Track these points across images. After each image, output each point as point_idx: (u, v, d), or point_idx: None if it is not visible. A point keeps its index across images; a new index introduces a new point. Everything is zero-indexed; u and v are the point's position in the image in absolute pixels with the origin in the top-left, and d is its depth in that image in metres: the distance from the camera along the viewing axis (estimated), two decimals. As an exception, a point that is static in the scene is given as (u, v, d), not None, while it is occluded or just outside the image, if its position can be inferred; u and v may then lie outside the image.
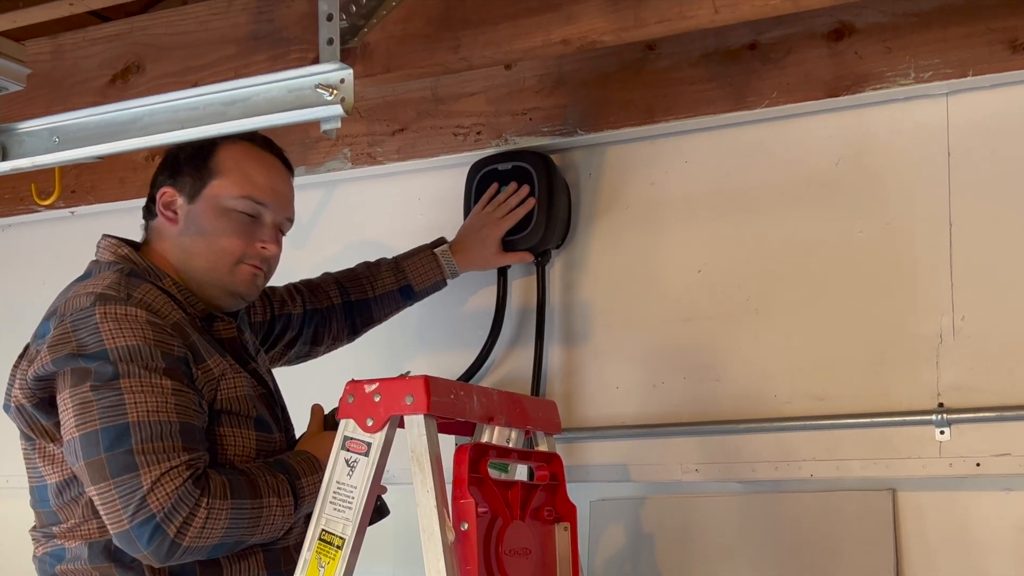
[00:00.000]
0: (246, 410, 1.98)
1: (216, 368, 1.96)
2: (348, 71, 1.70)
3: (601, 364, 2.59)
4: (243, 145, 2.06)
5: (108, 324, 1.86)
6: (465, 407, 1.88)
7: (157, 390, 1.84)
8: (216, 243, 2.01)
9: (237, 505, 1.85)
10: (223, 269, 2.02)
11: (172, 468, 1.81)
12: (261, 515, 1.88)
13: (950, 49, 2.30)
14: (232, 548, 1.91)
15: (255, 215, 2.04)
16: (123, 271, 1.98)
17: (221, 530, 1.84)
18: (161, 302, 1.94)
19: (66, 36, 2.69)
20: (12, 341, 3.29)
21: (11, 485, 3.24)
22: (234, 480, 1.88)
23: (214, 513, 1.82)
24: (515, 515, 1.91)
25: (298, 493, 1.94)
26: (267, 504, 1.89)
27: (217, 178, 2.03)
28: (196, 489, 1.81)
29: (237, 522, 1.85)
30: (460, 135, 2.72)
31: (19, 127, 1.91)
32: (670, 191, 2.58)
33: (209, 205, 2.02)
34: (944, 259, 2.32)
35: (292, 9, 2.43)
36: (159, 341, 1.87)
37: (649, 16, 2.17)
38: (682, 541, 2.47)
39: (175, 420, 1.84)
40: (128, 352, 1.85)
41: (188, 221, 2.03)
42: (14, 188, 3.20)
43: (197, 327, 1.99)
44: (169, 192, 2.05)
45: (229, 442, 1.96)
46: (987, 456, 2.23)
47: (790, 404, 2.41)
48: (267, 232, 2.05)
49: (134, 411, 1.82)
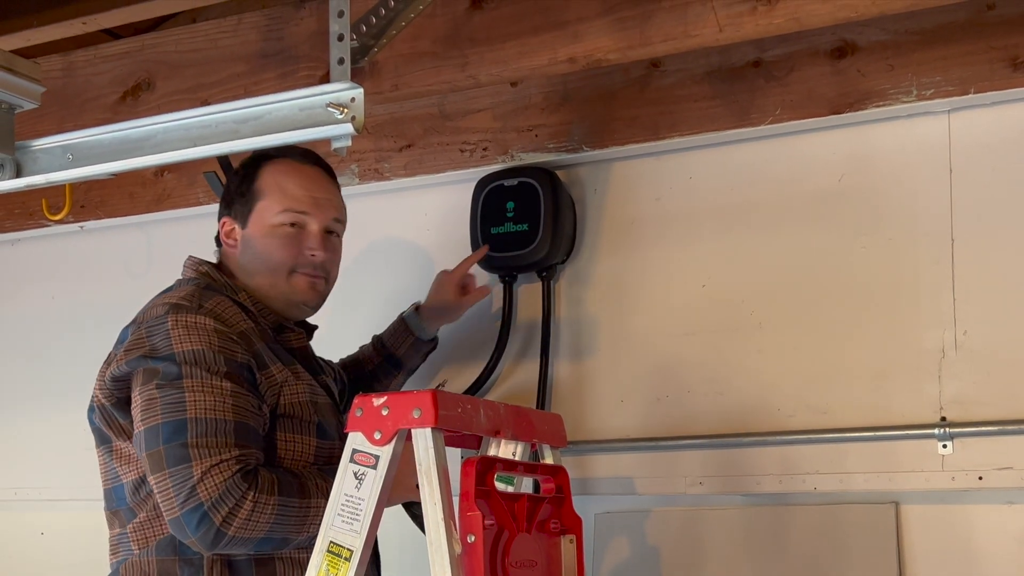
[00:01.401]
0: (308, 415, 2.07)
1: (279, 375, 2.06)
2: (359, 90, 1.73)
3: (606, 378, 2.61)
4: (281, 162, 2.18)
5: (178, 330, 1.99)
6: (472, 421, 1.90)
7: (216, 391, 1.95)
8: (270, 260, 2.14)
9: (284, 502, 1.93)
10: (280, 282, 2.14)
11: (222, 461, 1.91)
12: (308, 514, 1.95)
13: (952, 67, 2.32)
14: (279, 545, 1.97)
15: (300, 224, 2.15)
16: (199, 284, 2.12)
17: (266, 524, 1.92)
18: (231, 313, 2.05)
19: (77, 53, 2.72)
20: (24, 353, 3.34)
21: (19, 497, 3.26)
22: (284, 479, 1.96)
23: (259, 507, 1.91)
24: (521, 528, 1.92)
25: None
26: (315, 505, 1.95)
27: (260, 200, 2.16)
28: (244, 482, 1.90)
29: (284, 519, 1.93)
30: (467, 151, 2.74)
31: (33, 145, 1.93)
32: (675, 207, 2.60)
33: (257, 226, 2.15)
34: (946, 274, 2.34)
35: (301, 28, 2.46)
36: (223, 347, 1.99)
37: (654, 34, 2.19)
38: (687, 553, 2.48)
39: (230, 419, 1.95)
40: (193, 355, 1.97)
41: (244, 245, 2.17)
42: (24, 203, 3.23)
43: (267, 337, 2.10)
44: (227, 222, 2.20)
45: (289, 446, 2.05)
46: (990, 469, 2.24)
47: (794, 418, 2.42)
48: (314, 239, 2.16)
49: (192, 408, 1.94)
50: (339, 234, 2.24)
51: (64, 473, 3.17)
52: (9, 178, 1.93)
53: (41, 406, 3.26)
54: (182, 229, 3.13)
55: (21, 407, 3.30)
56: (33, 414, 3.27)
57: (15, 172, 1.93)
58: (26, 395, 3.30)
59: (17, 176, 1.94)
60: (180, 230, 3.14)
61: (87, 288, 3.27)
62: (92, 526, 3.02)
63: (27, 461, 3.25)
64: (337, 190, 2.24)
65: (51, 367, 3.26)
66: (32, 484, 3.22)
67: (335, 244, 2.22)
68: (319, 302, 2.20)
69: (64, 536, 3.23)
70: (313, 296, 2.18)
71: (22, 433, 3.28)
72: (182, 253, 3.14)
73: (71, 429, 3.09)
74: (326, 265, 2.18)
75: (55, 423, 3.20)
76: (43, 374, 3.28)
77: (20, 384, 3.33)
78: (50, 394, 3.24)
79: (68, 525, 3.22)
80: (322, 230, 2.17)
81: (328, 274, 2.20)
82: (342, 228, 2.25)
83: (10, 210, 3.27)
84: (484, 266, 2.69)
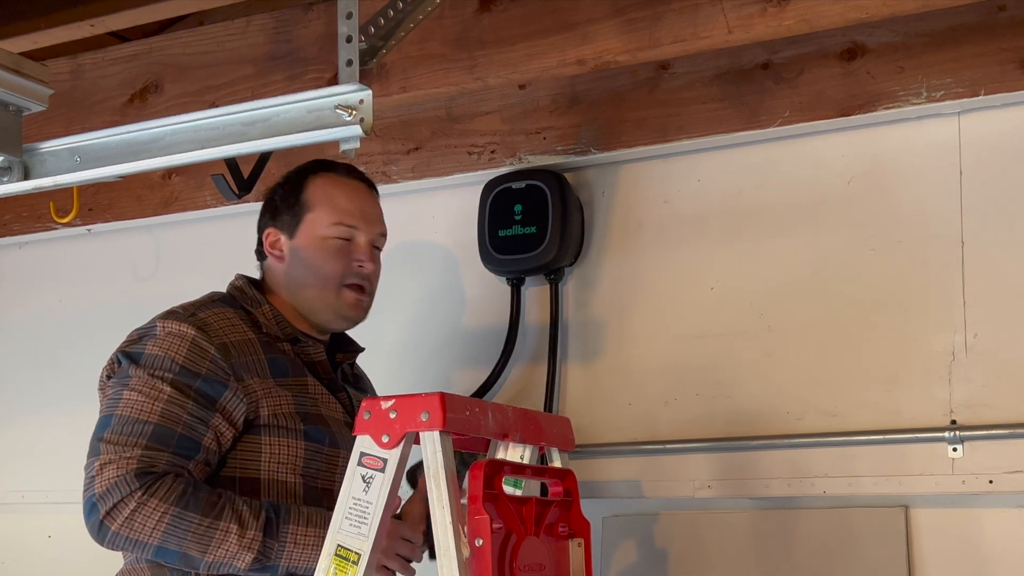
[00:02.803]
0: (292, 424, 2.07)
1: (258, 387, 2.06)
2: (367, 92, 1.72)
3: (614, 381, 2.61)
4: (327, 176, 2.21)
5: (158, 335, 2.04)
6: (480, 424, 1.90)
7: (153, 393, 1.99)
8: (320, 271, 2.16)
9: (181, 514, 1.93)
10: (330, 293, 2.17)
11: (122, 458, 1.94)
12: (212, 536, 1.94)
13: (962, 69, 2.31)
14: (183, 563, 1.96)
15: (349, 238, 2.19)
16: (214, 296, 2.17)
17: (154, 530, 1.92)
18: (224, 324, 2.08)
19: (85, 56, 2.73)
20: (32, 356, 3.34)
21: (26, 500, 3.26)
22: (195, 493, 1.95)
23: (145, 510, 1.92)
24: (529, 531, 1.92)
25: (273, 534, 1.96)
26: (223, 528, 1.94)
27: (311, 211, 2.18)
28: (136, 481, 1.92)
29: (178, 531, 1.93)
30: (474, 154, 2.74)
31: (41, 147, 1.93)
32: (683, 209, 2.60)
33: (308, 238, 2.18)
34: (956, 277, 2.33)
35: (309, 30, 2.46)
36: (189, 357, 2.01)
37: (664, 36, 2.19)
38: (695, 557, 2.48)
39: (152, 421, 1.97)
40: (152, 359, 2.01)
41: (293, 256, 2.19)
42: (32, 206, 3.23)
43: (276, 349, 2.12)
44: (273, 233, 2.21)
45: (274, 449, 2.06)
46: (1000, 473, 2.23)
47: (803, 421, 2.42)
48: (362, 251, 2.20)
49: (123, 406, 1.99)
50: (382, 249, 2.28)
51: (71, 476, 3.14)
52: (17, 180, 1.93)
53: (48, 409, 3.26)
54: (190, 232, 3.14)
55: (28, 410, 3.31)
56: (40, 417, 3.27)
57: (23, 174, 1.93)
58: (33, 398, 3.30)
59: (25, 178, 1.93)
60: (188, 233, 3.14)
61: (95, 291, 3.27)
62: (99, 529, 3.04)
63: (34, 464, 3.25)
64: (379, 204, 2.28)
65: (58, 370, 3.27)
66: (39, 487, 3.22)
67: (378, 259, 2.25)
68: (363, 316, 2.23)
69: (71, 539, 3.21)
70: (359, 311, 2.21)
71: (29, 436, 3.28)
72: (190, 256, 3.18)
73: (78, 432, 3.08)
74: (371, 278, 2.22)
75: (62, 426, 3.20)
76: (50, 377, 3.28)
77: (27, 387, 3.33)
78: (57, 397, 3.24)
79: (75, 528, 3.17)
80: (369, 243, 2.21)
81: (371, 288, 2.23)
82: (384, 242, 2.28)
83: (18, 213, 3.28)
84: (492, 269, 2.69)
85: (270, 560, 1.97)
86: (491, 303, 2.73)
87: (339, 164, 2.25)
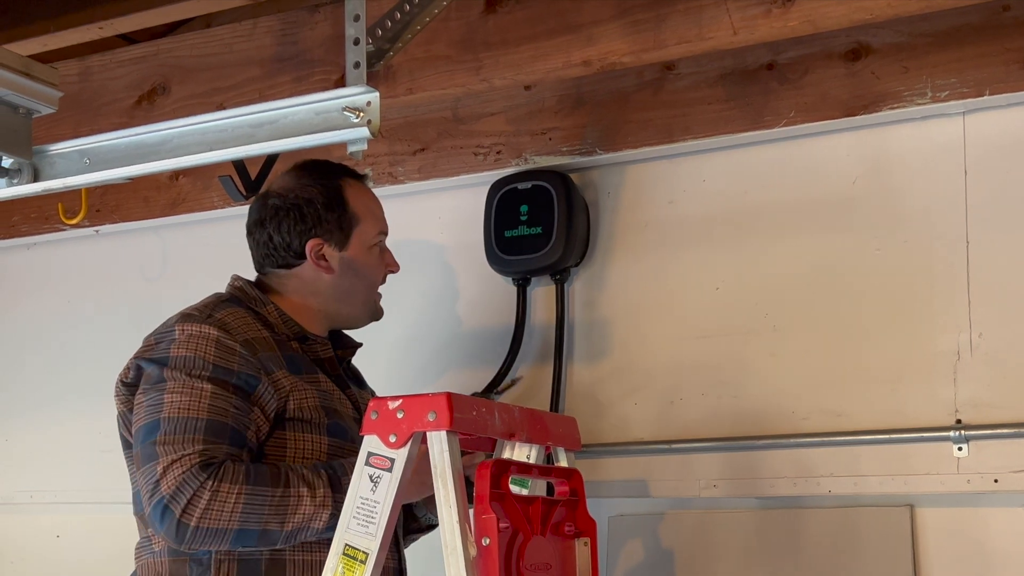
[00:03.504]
0: (318, 418, 2.09)
1: (286, 381, 2.08)
2: (374, 94, 1.73)
3: (620, 381, 2.61)
4: (356, 185, 2.26)
5: (181, 339, 2.05)
6: (487, 423, 1.90)
7: (195, 392, 1.99)
8: (370, 278, 2.25)
9: (253, 491, 1.93)
10: (373, 298, 2.27)
11: (184, 456, 1.93)
12: (288, 503, 1.95)
13: (967, 69, 2.32)
14: (265, 540, 1.96)
15: (382, 244, 2.27)
16: (221, 297, 2.18)
17: (232, 513, 1.92)
18: (240, 322, 2.10)
19: (94, 58, 2.74)
20: (40, 356, 3.35)
21: (35, 500, 3.28)
22: (258, 470, 1.96)
23: (220, 496, 1.91)
24: (536, 530, 1.93)
25: (339, 488, 1.97)
26: (295, 493, 1.95)
27: (360, 224, 2.22)
28: (203, 473, 1.92)
29: (255, 508, 1.93)
30: (480, 155, 2.75)
31: (50, 149, 1.94)
32: (688, 210, 2.60)
33: (359, 249, 2.22)
34: (961, 276, 2.34)
35: (316, 32, 2.47)
36: (218, 356, 2.03)
37: (668, 37, 2.20)
38: (701, 557, 2.48)
39: (203, 416, 1.97)
40: (182, 361, 2.02)
41: (345, 266, 2.22)
42: (40, 207, 3.25)
43: (289, 348, 2.14)
44: (318, 244, 2.20)
45: (300, 444, 2.07)
46: (1005, 472, 2.23)
47: (808, 420, 2.42)
48: (389, 254, 2.30)
49: (167, 408, 1.98)
50: None
51: (80, 476, 3.18)
52: (27, 182, 1.94)
53: (57, 409, 3.27)
54: (197, 233, 3.15)
55: (37, 410, 3.32)
56: (49, 417, 3.28)
57: (32, 176, 1.94)
58: (42, 398, 3.32)
59: (35, 180, 1.95)
60: (195, 234, 3.15)
61: (103, 292, 3.28)
62: (108, 529, 3.05)
63: (43, 464, 3.26)
64: None
65: (67, 371, 3.28)
66: (48, 487, 3.24)
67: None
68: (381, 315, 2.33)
69: (80, 539, 3.24)
70: (381, 311, 2.31)
71: (38, 436, 3.29)
72: (197, 257, 3.19)
73: (86, 432, 3.12)
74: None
75: (70, 426, 3.22)
76: (59, 377, 3.30)
77: (36, 387, 3.34)
78: (66, 397, 3.25)
79: (84, 528, 3.23)
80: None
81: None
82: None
83: (27, 214, 3.29)
84: (498, 269, 2.69)
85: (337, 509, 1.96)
86: (497, 303, 2.74)
87: (351, 168, 2.29)
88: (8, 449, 3.35)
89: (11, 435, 3.35)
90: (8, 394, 3.39)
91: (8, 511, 3.33)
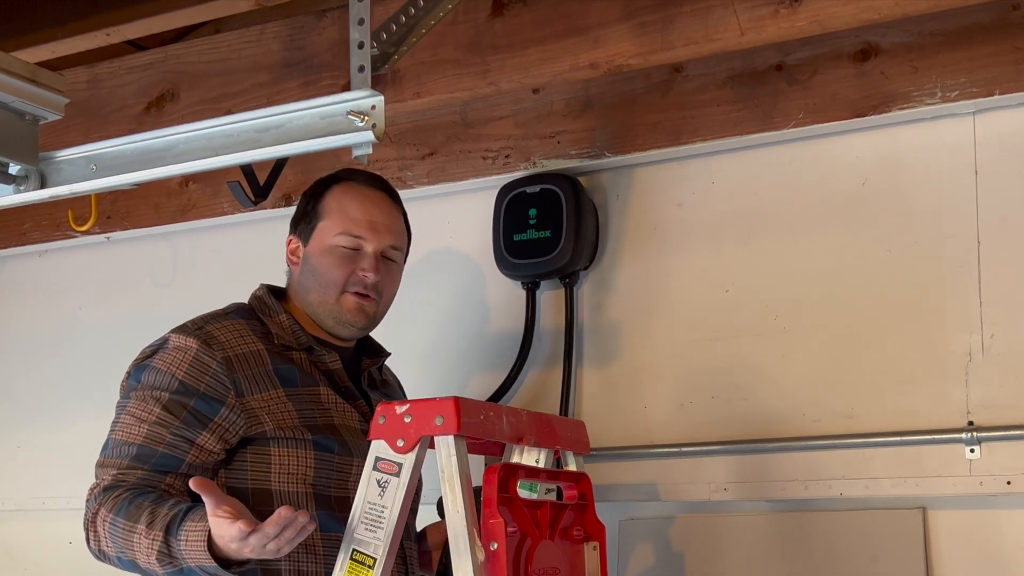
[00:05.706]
0: (300, 435, 2.07)
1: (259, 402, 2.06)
2: (379, 98, 1.73)
3: (629, 384, 2.60)
4: (346, 185, 2.22)
5: (164, 349, 2.08)
6: (495, 428, 1.90)
7: (143, 414, 2.03)
8: (324, 277, 2.17)
9: (114, 521, 1.96)
10: (331, 300, 2.17)
11: (101, 479, 2.02)
12: (132, 538, 1.94)
13: (976, 68, 2.30)
14: (141, 570, 1.97)
15: (356, 248, 2.17)
16: (228, 308, 2.19)
17: (104, 539, 1.98)
18: (232, 336, 2.10)
19: (102, 65, 2.75)
20: (51, 363, 3.36)
21: (47, 507, 3.28)
22: (132, 500, 1.96)
23: (98, 521, 1.98)
24: (544, 535, 1.92)
25: (173, 532, 1.88)
26: (138, 530, 1.93)
27: (323, 220, 2.19)
28: (101, 497, 1.99)
29: (115, 537, 1.96)
30: (489, 159, 2.75)
31: (57, 155, 1.94)
32: (697, 212, 2.60)
33: (317, 246, 2.19)
34: (972, 277, 2.32)
35: (323, 37, 2.47)
36: (188, 373, 2.04)
37: (676, 39, 2.19)
38: (711, 560, 2.47)
39: (136, 443, 2.02)
40: (152, 376, 2.06)
41: (304, 263, 2.21)
42: (51, 215, 3.26)
43: (285, 358, 2.12)
44: (292, 240, 2.24)
45: (285, 460, 2.06)
46: (1018, 474, 2.22)
47: (819, 423, 2.41)
48: (367, 261, 2.17)
49: (115, 430, 2.06)
50: (397, 261, 2.23)
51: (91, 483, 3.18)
52: (33, 189, 1.95)
53: (68, 416, 3.28)
54: (207, 239, 3.15)
55: (48, 417, 3.33)
56: (60, 424, 3.29)
57: (39, 183, 1.95)
58: (53, 405, 3.33)
59: (42, 187, 1.95)
60: (205, 240, 3.16)
61: (113, 298, 3.29)
62: (119, 535, 3.05)
63: (54, 471, 3.27)
64: (399, 217, 2.24)
65: (78, 377, 3.29)
66: (60, 494, 3.24)
67: (391, 269, 2.21)
68: (368, 324, 2.20)
69: (92, 545, 3.24)
70: (360, 317, 2.17)
71: (49, 443, 3.30)
72: (207, 263, 3.19)
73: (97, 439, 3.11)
74: (379, 287, 2.17)
75: (82, 433, 3.20)
76: (70, 384, 3.31)
77: (48, 394, 3.35)
78: (77, 404, 3.26)
79: (96, 534, 3.23)
80: (376, 253, 2.17)
81: (381, 296, 2.19)
82: (400, 256, 2.24)
83: (37, 221, 3.30)
84: (507, 273, 2.69)
85: (176, 559, 1.91)
86: (506, 307, 2.73)
87: (362, 173, 2.24)
88: (20, 456, 3.36)
89: (23, 442, 3.36)
90: (20, 401, 3.40)
91: (21, 518, 3.34)
